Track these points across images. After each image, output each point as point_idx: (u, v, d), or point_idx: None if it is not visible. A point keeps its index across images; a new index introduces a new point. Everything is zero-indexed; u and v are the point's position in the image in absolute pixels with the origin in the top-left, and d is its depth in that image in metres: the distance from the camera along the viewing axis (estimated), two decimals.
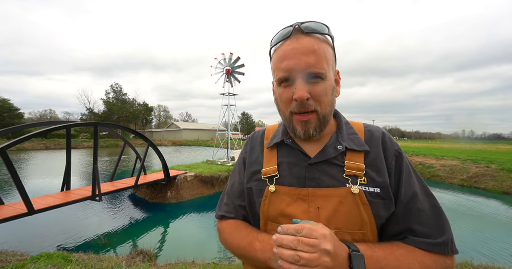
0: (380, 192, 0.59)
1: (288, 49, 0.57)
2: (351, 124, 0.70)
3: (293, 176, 0.65)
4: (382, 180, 0.60)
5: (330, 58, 0.59)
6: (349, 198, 0.58)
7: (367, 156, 0.62)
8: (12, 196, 8.63)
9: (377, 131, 0.67)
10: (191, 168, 11.18)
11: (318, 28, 0.58)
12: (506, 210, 8.89)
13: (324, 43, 0.58)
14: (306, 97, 0.56)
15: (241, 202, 0.74)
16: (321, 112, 0.59)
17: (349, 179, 0.60)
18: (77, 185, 9.97)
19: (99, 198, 6.72)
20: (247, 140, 0.82)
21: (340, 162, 0.62)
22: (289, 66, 0.57)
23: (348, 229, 0.57)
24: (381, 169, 0.61)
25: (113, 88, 51.06)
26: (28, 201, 5.12)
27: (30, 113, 56.82)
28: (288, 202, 0.63)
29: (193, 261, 4.29)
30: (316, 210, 0.60)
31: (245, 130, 60.92)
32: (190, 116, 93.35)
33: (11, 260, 3.48)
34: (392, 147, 0.64)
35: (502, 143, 55.53)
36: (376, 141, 0.65)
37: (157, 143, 38.08)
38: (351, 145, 0.63)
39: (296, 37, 0.57)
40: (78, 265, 3.41)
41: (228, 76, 15.94)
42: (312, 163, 0.63)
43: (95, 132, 6.80)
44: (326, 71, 0.57)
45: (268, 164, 0.69)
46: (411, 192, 0.60)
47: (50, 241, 5.86)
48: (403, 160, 0.63)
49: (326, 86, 0.58)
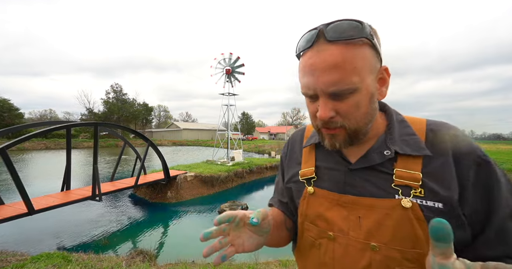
0: (442, 208, 0.48)
1: (308, 64, 0.50)
2: (409, 122, 0.57)
3: (331, 180, 0.60)
4: (446, 194, 0.48)
5: (364, 65, 0.49)
6: (398, 211, 0.50)
7: (427, 162, 0.51)
8: (15, 196, 8.65)
9: (446, 131, 0.53)
10: (191, 168, 11.20)
11: (345, 33, 0.47)
12: None
13: (355, 48, 0.48)
14: (328, 117, 0.50)
15: (283, 198, 0.75)
16: (350, 127, 0.52)
17: (400, 190, 0.51)
18: (77, 185, 9.97)
19: (99, 198, 6.73)
20: (288, 139, 0.79)
21: (389, 169, 0.53)
22: (309, 84, 0.50)
23: (396, 246, 0.49)
24: (447, 180, 0.49)
25: (113, 88, 51.06)
26: (28, 201, 5.13)
27: (30, 113, 56.81)
28: (327, 206, 0.59)
29: (193, 261, 4.30)
30: (357, 219, 0.54)
31: (245, 130, 60.93)
32: (190, 116, 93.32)
33: (11, 260, 3.48)
34: (470, 152, 0.50)
35: (502, 143, 55.50)
36: (442, 143, 0.52)
37: (157, 143, 38.10)
38: (404, 149, 0.53)
39: (318, 49, 0.49)
40: (78, 265, 3.41)
41: (228, 76, 15.96)
42: (353, 169, 0.56)
43: (95, 132, 6.80)
44: (355, 85, 0.48)
45: (306, 165, 0.66)
46: (508, 211, 0.48)
47: (50, 241, 5.86)
48: (489, 170, 0.49)
49: (357, 100, 0.49)
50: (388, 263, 0.50)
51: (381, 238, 0.51)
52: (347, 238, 0.55)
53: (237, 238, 0.55)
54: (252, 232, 0.56)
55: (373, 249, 0.51)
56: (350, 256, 0.54)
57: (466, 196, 0.48)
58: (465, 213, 0.48)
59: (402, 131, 0.56)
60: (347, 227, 0.55)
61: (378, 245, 0.51)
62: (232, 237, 0.55)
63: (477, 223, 0.49)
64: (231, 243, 0.55)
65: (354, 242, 0.54)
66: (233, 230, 0.55)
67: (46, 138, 31.93)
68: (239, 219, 0.54)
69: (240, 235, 0.56)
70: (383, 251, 0.50)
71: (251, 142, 39.45)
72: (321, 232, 0.59)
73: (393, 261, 0.50)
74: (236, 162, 13.77)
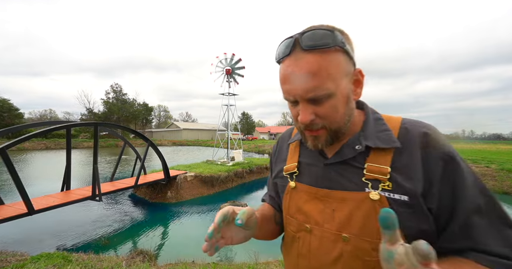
0: (408, 200, 0.51)
1: (287, 72, 0.53)
2: (385, 120, 0.60)
3: (311, 175, 0.64)
4: (411, 187, 0.51)
5: (338, 70, 0.52)
6: (367, 204, 0.53)
7: (397, 157, 0.54)
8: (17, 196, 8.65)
9: (417, 129, 0.55)
10: (191, 168, 11.19)
11: (319, 42, 0.50)
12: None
13: (329, 55, 0.51)
14: (309, 120, 0.54)
15: (272, 193, 0.82)
16: (330, 128, 0.56)
17: (369, 184, 0.54)
18: (77, 185, 9.97)
19: (99, 198, 6.73)
20: (278, 138, 0.84)
21: (360, 163, 0.57)
22: (289, 91, 0.54)
23: (365, 237, 0.52)
24: (413, 174, 0.52)
25: (113, 88, 51.04)
26: (28, 201, 5.13)
27: (30, 113, 56.85)
28: (306, 200, 0.63)
29: (193, 261, 4.30)
30: (332, 211, 0.57)
31: (245, 130, 60.94)
32: (190, 116, 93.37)
33: (11, 260, 3.48)
34: (438, 149, 0.52)
35: (502, 143, 55.50)
36: (412, 139, 0.54)
37: (157, 143, 38.11)
38: (376, 143, 0.56)
39: (295, 57, 0.52)
40: (78, 265, 3.42)
41: (228, 76, 15.96)
42: (328, 164, 0.60)
43: (95, 132, 6.80)
44: (331, 90, 0.52)
45: (290, 161, 0.71)
46: (472, 206, 0.50)
47: (50, 241, 5.86)
48: (455, 166, 0.51)
49: (334, 103, 0.53)
50: (357, 253, 0.53)
51: (352, 230, 0.54)
52: (322, 230, 0.58)
53: (227, 231, 0.60)
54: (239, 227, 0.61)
55: (344, 240, 0.54)
56: (324, 247, 0.57)
57: (433, 191, 0.51)
58: (432, 207, 0.51)
59: (377, 128, 0.59)
60: (322, 220, 0.59)
61: (348, 236, 0.54)
62: (223, 231, 0.59)
63: (443, 218, 0.51)
64: (222, 236, 0.59)
65: (328, 233, 0.57)
66: (225, 225, 0.59)
67: (46, 138, 31.93)
68: (230, 215, 0.58)
69: (229, 229, 0.60)
70: (353, 242, 0.53)
71: (251, 142, 39.44)
72: (300, 225, 0.63)
73: (363, 252, 0.52)
74: (236, 162, 13.77)
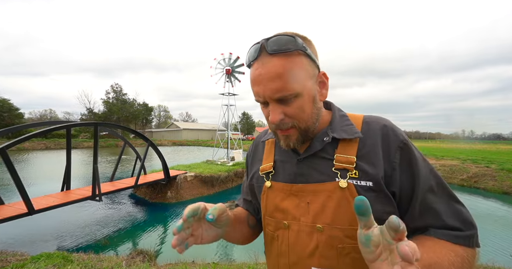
0: (372, 186, 0.56)
1: (255, 75, 0.57)
2: (349, 117, 0.66)
3: (286, 172, 0.66)
4: (374, 172, 0.56)
5: (302, 73, 0.56)
6: (338, 192, 0.56)
7: (361, 148, 0.59)
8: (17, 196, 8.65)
9: (377, 122, 0.62)
10: (191, 168, 11.19)
11: (283, 46, 0.54)
12: (506, 210, 8.92)
13: (293, 59, 0.55)
14: (278, 120, 0.57)
15: (247, 197, 0.83)
16: (300, 126, 0.59)
17: (339, 173, 0.58)
18: (77, 185, 9.97)
19: (99, 198, 6.73)
20: (254, 140, 0.85)
21: (330, 155, 0.61)
22: (259, 93, 0.57)
23: (337, 225, 0.55)
24: (375, 161, 0.57)
25: (113, 88, 51.06)
26: (28, 201, 5.13)
27: (31, 113, 56.76)
28: (282, 197, 0.65)
29: (193, 261, 4.30)
30: (307, 205, 0.60)
31: (245, 130, 60.94)
32: (190, 116, 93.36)
33: (11, 260, 3.48)
34: (395, 139, 0.59)
35: (502, 143, 55.53)
36: (373, 132, 0.60)
37: (157, 143, 38.09)
38: (341, 135, 0.60)
39: (262, 61, 0.56)
40: (78, 265, 3.41)
41: (228, 76, 15.96)
42: (301, 159, 0.63)
43: (95, 132, 6.80)
44: (297, 91, 0.55)
45: (266, 161, 0.72)
46: (426, 186, 0.56)
47: (50, 241, 5.86)
48: (410, 153, 0.58)
49: (301, 104, 0.57)
50: (331, 242, 0.56)
51: (325, 219, 0.57)
52: (298, 224, 0.60)
53: (197, 228, 0.58)
54: (210, 224, 0.60)
55: (319, 230, 0.57)
56: (301, 241, 0.59)
57: (395, 176, 0.56)
58: (395, 190, 0.57)
59: (342, 123, 0.64)
60: (298, 214, 0.61)
61: (322, 226, 0.56)
62: (193, 228, 0.58)
63: (405, 200, 0.57)
64: (192, 233, 0.58)
65: (304, 227, 0.59)
66: (195, 221, 0.58)
67: (46, 138, 31.92)
68: (201, 211, 0.57)
69: (200, 226, 0.59)
70: (327, 231, 0.56)
71: (251, 142, 39.21)
72: (278, 223, 0.65)
73: (336, 240, 0.55)
74: (236, 162, 13.76)
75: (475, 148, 30.27)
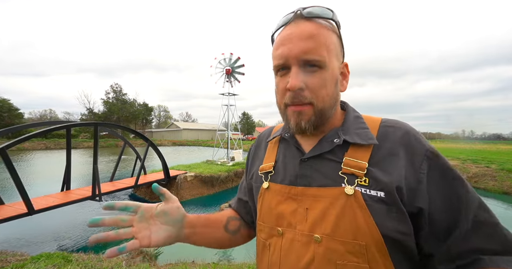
0: (384, 197, 0.48)
1: (285, 35, 0.53)
2: (365, 119, 0.59)
3: (286, 173, 0.60)
4: (387, 181, 0.48)
5: (332, 45, 0.53)
6: (342, 200, 0.49)
7: (375, 154, 0.52)
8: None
9: (398, 128, 0.54)
10: (191, 168, 11.19)
11: (321, 12, 0.53)
12: (505, 210, 8.91)
13: (326, 29, 0.52)
14: (299, 86, 0.50)
15: (243, 196, 0.76)
16: (317, 105, 0.52)
17: (346, 178, 0.51)
18: (77, 185, 9.97)
19: (99, 198, 6.73)
20: (256, 138, 0.79)
21: (338, 158, 0.54)
22: (284, 52, 0.52)
23: (339, 237, 0.48)
24: (392, 170, 0.50)
25: (113, 88, 51.04)
26: (28, 201, 5.13)
27: (30, 113, 56.75)
28: (279, 200, 0.58)
29: (193, 261, 4.30)
30: (305, 211, 0.53)
31: (245, 130, 60.97)
32: (190, 116, 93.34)
33: (11, 260, 3.48)
34: (419, 146, 0.51)
35: (502, 143, 55.53)
36: (392, 137, 0.53)
37: (157, 143, 38.09)
38: (354, 139, 0.53)
39: (296, 23, 0.52)
40: (78, 265, 3.41)
41: (228, 76, 15.96)
42: (305, 159, 0.57)
43: (95, 132, 6.80)
44: (325, 59, 0.51)
45: (267, 160, 0.66)
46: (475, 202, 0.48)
47: (50, 241, 5.86)
48: (442, 162, 0.50)
49: (325, 77, 0.51)
50: (330, 256, 0.48)
51: (324, 229, 0.49)
52: (294, 232, 0.54)
53: (143, 230, 0.55)
54: (162, 224, 0.56)
55: (316, 241, 0.50)
56: (295, 251, 0.52)
57: (422, 189, 0.48)
58: (422, 207, 0.48)
59: (356, 125, 0.57)
60: (295, 221, 0.54)
61: (321, 237, 0.49)
62: (136, 229, 0.54)
63: (439, 218, 0.48)
64: (135, 236, 0.54)
65: (300, 236, 0.52)
66: (138, 221, 0.55)
67: (46, 138, 31.91)
68: (144, 210, 0.55)
69: (147, 227, 0.55)
70: (326, 243, 0.49)
71: (251, 142, 39.26)
72: (271, 230, 0.58)
73: (335, 254, 0.48)
74: (236, 162, 13.76)
75: (475, 148, 30.27)
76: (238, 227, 0.73)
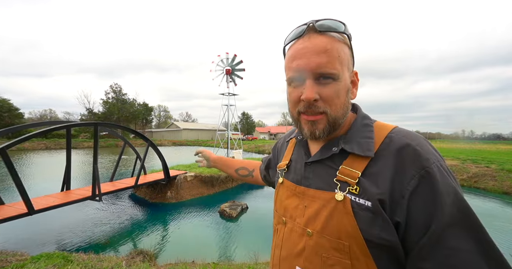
0: (370, 206, 0.50)
1: (299, 49, 0.55)
2: (376, 127, 0.60)
3: (296, 173, 0.68)
4: (373, 192, 0.51)
5: (345, 58, 0.55)
6: (332, 203, 0.55)
7: (372, 164, 0.54)
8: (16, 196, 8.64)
9: (401, 139, 0.54)
10: (191, 168, 11.17)
11: (333, 26, 0.55)
12: (505, 209, 8.92)
13: (339, 42, 0.55)
14: (313, 98, 0.53)
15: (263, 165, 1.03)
16: (330, 114, 0.55)
17: (339, 185, 0.56)
18: (77, 185, 9.96)
19: (99, 198, 6.72)
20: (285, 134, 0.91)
21: (336, 165, 0.58)
22: (299, 66, 0.55)
23: (326, 235, 0.54)
24: (381, 183, 0.51)
25: (112, 88, 50.95)
26: (28, 201, 5.12)
27: (30, 113, 56.73)
28: (288, 195, 0.68)
29: (193, 261, 4.30)
30: (304, 208, 0.61)
31: (245, 130, 60.91)
32: (190, 116, 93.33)
33: (11, 260, 3.48)
34: (417, 164, 0.49)
35: (502, 143, 55.51)
36: (391, 150, 0.53)
37: (157, 143, 38.09)
38: (353, 149, 0.56)
39: (309, 36, 0.55)
40: (78, 265, 3.41)
41: (228, 76, 15.96)
42: (309, 163, 0.64)
43: (95, 132, 6.80)
44: (338, 72, 0.54)
45: (284, 159, 0.77)
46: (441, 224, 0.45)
47: (50, 241, 5.86)
48: (433, 183, 0.47)
49: (338, 88, 0.55)
50: (317, 249, 0.55)
51: (316, 226, 0.57)
52: (293, 224, 0.63)
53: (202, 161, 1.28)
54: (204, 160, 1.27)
55: (308, 235, 0.58)
56: (293, 239, 0.62)
57: (402, 204, 0.49)
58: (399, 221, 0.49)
59: (361, 134, 0.59)
60: (295, 214, 0.63)
61: (312, 232, 0.57)
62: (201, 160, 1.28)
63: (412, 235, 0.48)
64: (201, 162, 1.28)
65: (297, 227, 0.61)
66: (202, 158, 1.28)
67: (46, 138, 31.91)
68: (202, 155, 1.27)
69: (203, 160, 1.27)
70: (315, 237, 0.56)
71: (251, 142, 39.40)
72: (279, 218, 0.69)
73: (322, 248, 0.55)
74: None
75: (475, 148, 30.25)
76: (246, 175, 1.11)
